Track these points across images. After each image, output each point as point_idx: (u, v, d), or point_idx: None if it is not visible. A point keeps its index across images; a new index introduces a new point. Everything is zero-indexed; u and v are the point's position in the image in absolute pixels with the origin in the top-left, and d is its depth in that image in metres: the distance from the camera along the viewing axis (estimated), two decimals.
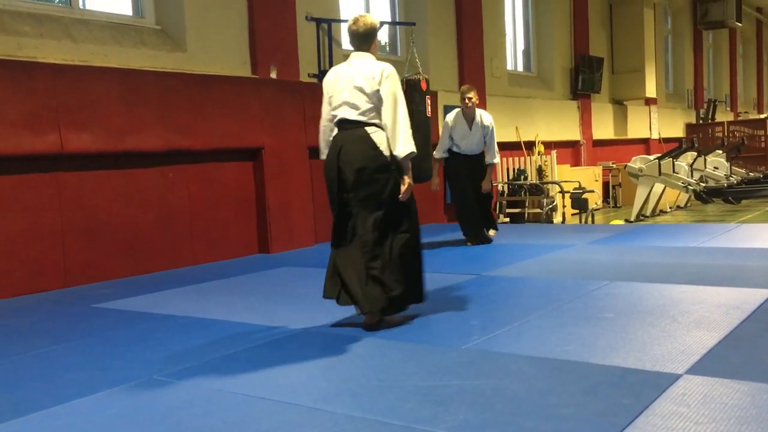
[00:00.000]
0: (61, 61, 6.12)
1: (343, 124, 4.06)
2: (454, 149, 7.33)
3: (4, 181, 5.74)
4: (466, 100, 7.15)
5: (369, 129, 4.01)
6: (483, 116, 7.26)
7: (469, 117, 7.23)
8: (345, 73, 4.11)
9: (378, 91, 3.98)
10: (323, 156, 4.20)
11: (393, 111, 3.99)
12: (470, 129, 7.23)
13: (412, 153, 4.01)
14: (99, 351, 3.83)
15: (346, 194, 4.01)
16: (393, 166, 4.01)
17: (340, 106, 4.05)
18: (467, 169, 7.28)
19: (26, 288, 5.79)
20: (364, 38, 4.16)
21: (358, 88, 4.00)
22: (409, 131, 4.04)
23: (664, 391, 2.69)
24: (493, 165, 7.37)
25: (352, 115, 4.02)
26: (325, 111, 4.17)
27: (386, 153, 4.00)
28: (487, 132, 7.23)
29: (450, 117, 7.32)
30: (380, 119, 4.01)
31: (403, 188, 4.03)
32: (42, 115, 5.85)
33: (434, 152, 7.35)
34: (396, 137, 3.98)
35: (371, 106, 4.00)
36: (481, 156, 7.31)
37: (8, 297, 5.65)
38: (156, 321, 4.50)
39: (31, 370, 3.51)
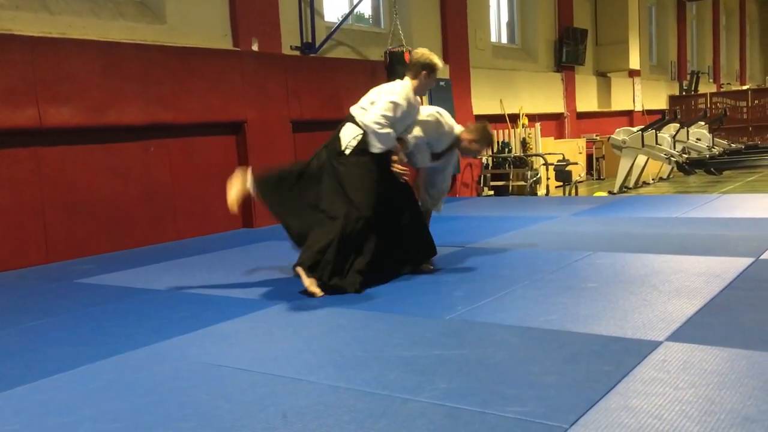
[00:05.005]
0: (38, 33, 6.01)
1: None
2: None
3: None
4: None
5: None
6: None
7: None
8: None
9: None
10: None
11: None
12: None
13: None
14: (82, 326, 3.82)
15: None
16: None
17: None
18: None
19: (8, 264, 5.75)
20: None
21: None
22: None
23: (644, 358, 2.72)
24: None
25: None
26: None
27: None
28: None
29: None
30: None
31: None
32: (20, 89, 5.75)
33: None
34: None
35: None
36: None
37: None
38: (139, 296, 4.49)
39: (14, 345, 3.49)
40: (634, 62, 16.31)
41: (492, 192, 11.25)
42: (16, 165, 5.85)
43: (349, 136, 4.37)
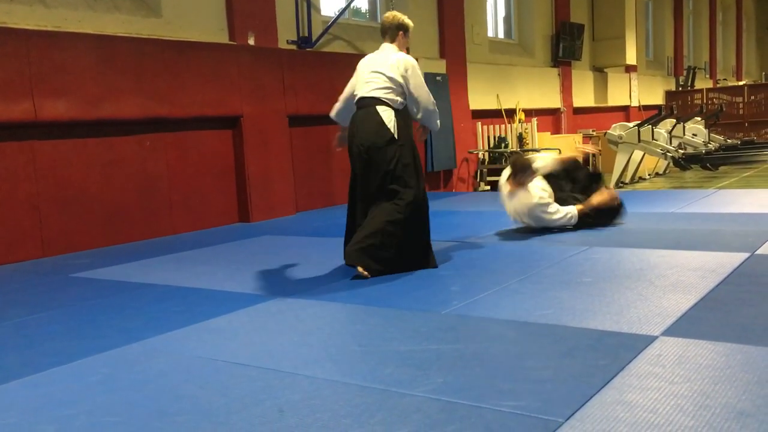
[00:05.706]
0: (33, 26, 5.99)
1: None
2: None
3: None
4: None
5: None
6: None
7: None
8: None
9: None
10: None
11: None
12: None
13: None
14: (77, 320, 3.81)
15: None
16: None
17: None
18: None
19: (2, 258, 5.73)
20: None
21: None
22: None
23: (640, 353, 2.72)
24: None
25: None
26: None
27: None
28: None
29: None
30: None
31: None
32: (15, 82, 5.73)
33: None
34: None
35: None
36: None
37: None
38: (135, 290, 4.48)
39: (8, 340, 3.49)
40: (631, 57, 16.30)
41: (488, 187, 11.25)
42: (11, 159, 5.82)
43: (392, 122, 4.42)
